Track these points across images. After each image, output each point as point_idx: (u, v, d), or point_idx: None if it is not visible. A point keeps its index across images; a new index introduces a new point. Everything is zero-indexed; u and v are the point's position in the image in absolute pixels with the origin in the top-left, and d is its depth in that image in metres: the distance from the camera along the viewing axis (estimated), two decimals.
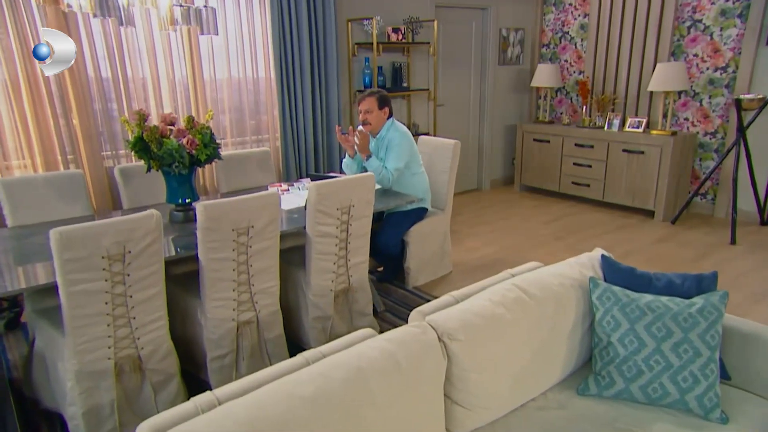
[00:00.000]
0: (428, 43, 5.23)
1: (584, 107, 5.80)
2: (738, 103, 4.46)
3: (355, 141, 3.37)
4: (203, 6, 2.72)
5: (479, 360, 1.60)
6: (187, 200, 2.75)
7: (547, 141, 5.93)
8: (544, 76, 5.91)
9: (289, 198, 3.20)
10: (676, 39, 5.18)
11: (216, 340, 2.41)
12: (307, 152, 4.56)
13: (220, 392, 1.31)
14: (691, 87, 5.14)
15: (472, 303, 1.71)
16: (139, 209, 2.20)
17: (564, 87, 6.31)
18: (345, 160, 3.61)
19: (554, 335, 1.80)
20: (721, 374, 1.75)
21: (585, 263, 2.02)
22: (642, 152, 5.09)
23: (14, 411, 2.35)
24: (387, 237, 3.42)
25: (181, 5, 2.61)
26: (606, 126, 5.48)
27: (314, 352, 1.49)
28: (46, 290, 2.06)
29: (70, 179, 2.93)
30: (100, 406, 2.09)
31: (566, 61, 6.21)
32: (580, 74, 6.07)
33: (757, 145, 4.74)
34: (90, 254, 1.89)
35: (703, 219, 5.16)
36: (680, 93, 5.20)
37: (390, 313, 3.34)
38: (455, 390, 1.59)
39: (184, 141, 2.55)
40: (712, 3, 4.88)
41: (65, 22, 3.30)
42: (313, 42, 4.37)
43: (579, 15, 5.95)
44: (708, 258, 4.19)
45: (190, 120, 2.63)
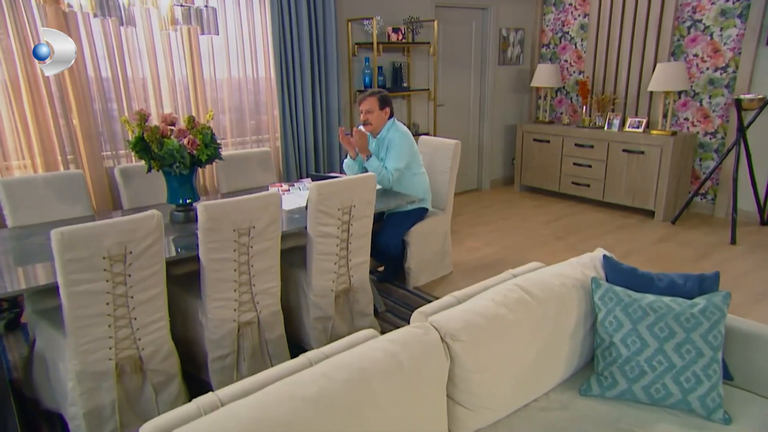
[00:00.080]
0: (428, 43, 5.22)
1: (584, 107, 5.80)
2: (738, 103, 4.46)
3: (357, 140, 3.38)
4: (204, 6, 2.71)
5: (482, 360, 1.59)
6: (188, 200, 2.74)
7: (547, 141, 5.93)
8: (544, 76, 5.91)
9: (290, 198, 3.19)
10: (676, 39, 5.18)
11: (217, 341, 2.41)
12: (307, 152, 4.55)
13: (223, 393, 1.30)
14: (691, 87, 5.14)
15: (475, 303, 1.71)
16: (140, 209, 2.20)
17: (564, 87, 6.31)
18: (346, 161, 3.61)
19: (556, 336, 1.80)
20: (724, 375, 1.75)
21: (587, 263, 2.02)
22: (642, 152, 5.09)
23: (15, 411, 2.35)
24: (388, 237, 3.42)
25: (182, 5, 2.60)
26: (606, 126, 5.48)
27: (317, 353, 1.48)
28: (47, 291, 2.06)
29: (71, 179, 2.93)
30: (101, 407, 2.09)
31: (566, 61, 6.21)
32: (580, 74, 6.07)
33: (757, 145, 4.74)
34: (91, 255, 1.88)
35: (703, 219, 5.16)
36: (680, 93, 5.20)
37: (391, 314, 3.33)
38: (458, 391, 1.59)
39: (185, 141, 2.55)
40: (712, 3, 4.88)
41: (65, 22, 3.30)
42: (314, 42, 4.36)
43: (579, 15, 5.95)
44: (708, 258, 4.19)
45: (191, 120, 2.63)
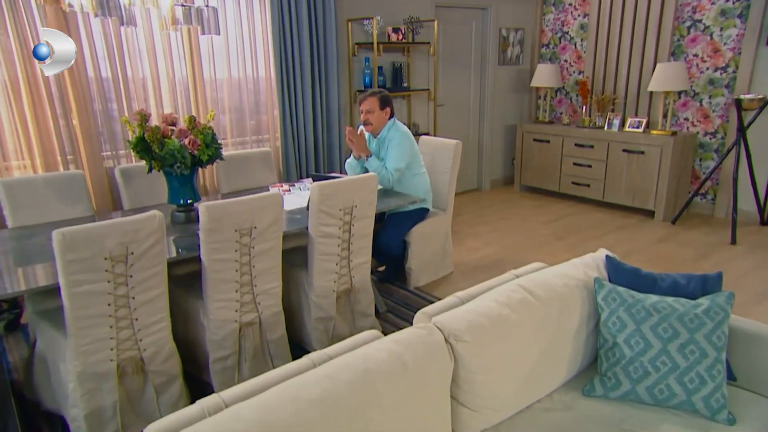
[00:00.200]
0: (428, 43, 5.22)
1: (584, 107, 5.80)
2: (738, 103, 4.47)
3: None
4: (205, 5, 2.70)
5: (485, 361, 1.59)
6: (189, 201, 2.73)
7: (547, 141, 5.93)
8: (544, 76, 5.91)
9: (291, 198, 3.19)
10: (676, 39, 5.18)
11: (218, 342, 2.40)
12: (308, 152, 4.55)
13: (227, 395, 1.30)
14: (691, 87, 5.14)
15: (478, 304, 1.70)
16: (140, 210, 2.20)
17: (564, 87, 6.30)
18: (349, 161, 3.59)
19: (560, 336, 1.79)
20: (727, 375, 1.74)
21: (589, 264, 2.01)
22: (642, 152, 5.09)
23: (15, 413, 2.34)
24: (388, 237, 3.41)
25: (183, 5, 2.59)
26: (606, 126, 5.48)
27: (320, 354, 1.48)
28: (48, 291, 2.05)
29: (71, 180, 2.92)
30: (103, 408, 2.08)
31: (566, 61, 6.21)
32: (580, 74, 6.07)
33: (757, 145, 4.75)
34: (93, 255, 1.87)
35: (703, 219, 5.16)
36: (680, 93, 5.20)
37: (392, 314, 3.33)
38: (461, 392, 1.59)
39: (186, 141, 2.54)
40: (712, 3, 4.88)
41: (65, 22, 3.29)
42: (314, 42, 4.36)
43: (579, 15, 5.95)
44: (708, 258, 4.19)
45: (192, 120, 2.62)
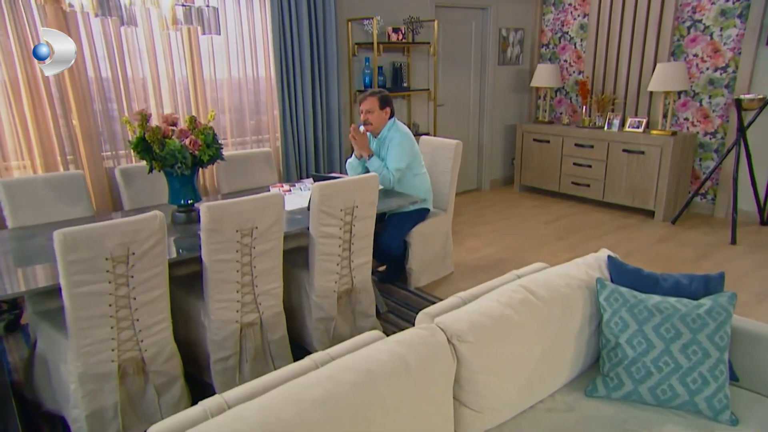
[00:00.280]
0: (428, 43, 5.22)
1: (584, 107, 5.80)
2: (738, 103, 4.47)
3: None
4: (205, 5, 2.69)
5: (488, 362, 1.59)
6: (190, 201, 2.73)
7: (547, 141, 5.93)
8: (544, 76, 5.91)
9: (292, 199, 3.18)
10: (676, 39, 5.18)
11: (219, 342, 2.40)
12: (308, 152, 4.54)
13: (229, 396, 1.29)
14: (691, 87, 5.14)
15: (480, 304, 1.70)
16: (141, 210, 2.19)
17: (564, 87, 6.30)
18: (350, 160, 3.59)
19: (562, 336, 1.79)
20: (730, 376, 1.74)
21: (591, 264, 2.01)
22: (642, 152, 5.09)
23: (16, 414, 2.33)
24: (389, 238, 3.41)
25: (183, 4, 2.59)
26: (606, 126, 5.48)
27: (322, 355, 1.47)
28: (48, 292, 2.04)
29: (71, 180, 2.91)
30: (104, 409, 2.08)
31: (566, 61, 6.20)
32: (580, 74, 6.07)
33: (757, 145, 4.75)
34: (94, 256, 1.87)
35: (703, 219, 5.16)
36: (680, 93, 5.20)
37: (393, 314, 3.33)
38: (464, 392, 1.58)
39: (187, 141, 2.54)
40: (712, 3, 4.88)
41: (65, 22, 3.28)
42: (314, 41, 4.35)
43: (578, 15, 5.95)
44: (708, 258, 4.19)
45: (193, 120, 2.61)
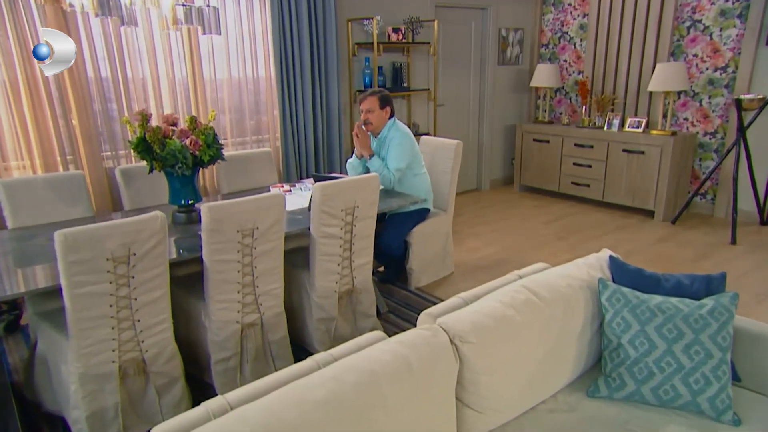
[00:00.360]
0: (428, 43, 5.21)
1: (584, 107, 5.80)
2: (738, 103, 4.47)
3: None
4: (206, 5, 2.69)
5: (490, 362, 1.58)
6: (190, 201, 2.72)
7: (547, 141, 5.93)
8: (544, 76, 5.91)
9: (292, 199, 3.18)
10: (676, 39, 5.18)
11: (220, 343, 2.39)
12: (308, 152, 4.54)
13: (231, 397, 1.29)
14: (691, 87, 5.15)
15: (482, 305, 1.70)
16: (141, 211, 2.19)
17: (563, 87, 6.30)
18: (351, 160, 3.58)
19: (564, 337, 1.79)
20: (732, 376, 1.74)
21: (593, 264, 2.01)
22: (642, 152, 5.09)
23: (16, 414, 2.33)
24: (390, 238, 3.41)
25: (184, 4, 2.58)
26: (606, 126, 5.48)
27: (324, 356, 1.47)
28: (49, 293, 2.04)
29: (71, 180, 2.90)
30: (104, 410, 2.07)
31: (565, 61, 6.21)
32: (580, 74, 6.07)
33: (757, 145, 4.75)
34: (95, 256, 1.86)
35: (703, 219, 5.16)
36: (680, 93, 5.20)
37: (393, 315, 3.32)
38: (466, 393, 1.58)
39: (188, 141, 2.53)
40: (712, 3, 4.88)
41: (65, 22, 3.27)
42: (314, 41, 4.35)
43: (578, 15, 5.95)
44: (708, 258, 4.19)
45: (193, 120, 2.61)
